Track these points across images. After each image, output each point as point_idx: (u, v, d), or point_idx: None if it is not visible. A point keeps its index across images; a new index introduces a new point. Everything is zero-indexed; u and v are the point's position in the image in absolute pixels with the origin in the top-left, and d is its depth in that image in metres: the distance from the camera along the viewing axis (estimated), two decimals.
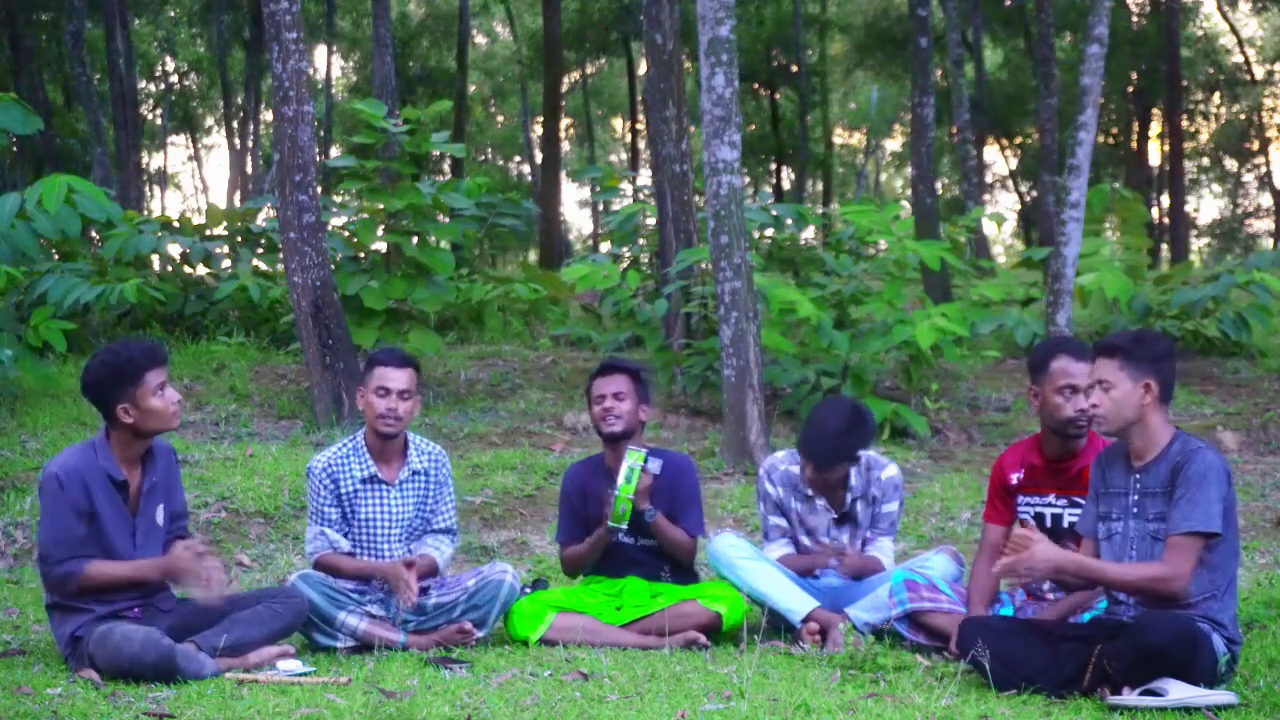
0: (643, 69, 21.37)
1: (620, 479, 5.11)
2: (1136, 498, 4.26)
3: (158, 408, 4.54)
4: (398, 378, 5.12)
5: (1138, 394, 4.18)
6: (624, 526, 5.18)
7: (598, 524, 5.28)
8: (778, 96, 30.94)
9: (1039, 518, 4.94)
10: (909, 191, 21.82)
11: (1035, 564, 4.08)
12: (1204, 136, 35.56)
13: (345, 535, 5.16)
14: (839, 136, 39.65)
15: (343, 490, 5.15)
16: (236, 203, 30.23)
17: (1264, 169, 35.26)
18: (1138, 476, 4.26)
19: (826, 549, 5.31)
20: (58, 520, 4.48)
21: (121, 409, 4.53)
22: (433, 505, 5.27)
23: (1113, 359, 4.21)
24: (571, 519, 5.45)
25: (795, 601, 5.14)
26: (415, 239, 10.64)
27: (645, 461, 5.13)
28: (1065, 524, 4.87)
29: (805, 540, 5.40)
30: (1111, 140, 30.98)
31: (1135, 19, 28.43)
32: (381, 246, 10.77)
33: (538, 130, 30.45)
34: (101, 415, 4.61)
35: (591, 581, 5.44)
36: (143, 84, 32.66)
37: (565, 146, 37.19)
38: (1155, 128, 30.57)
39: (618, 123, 41.97)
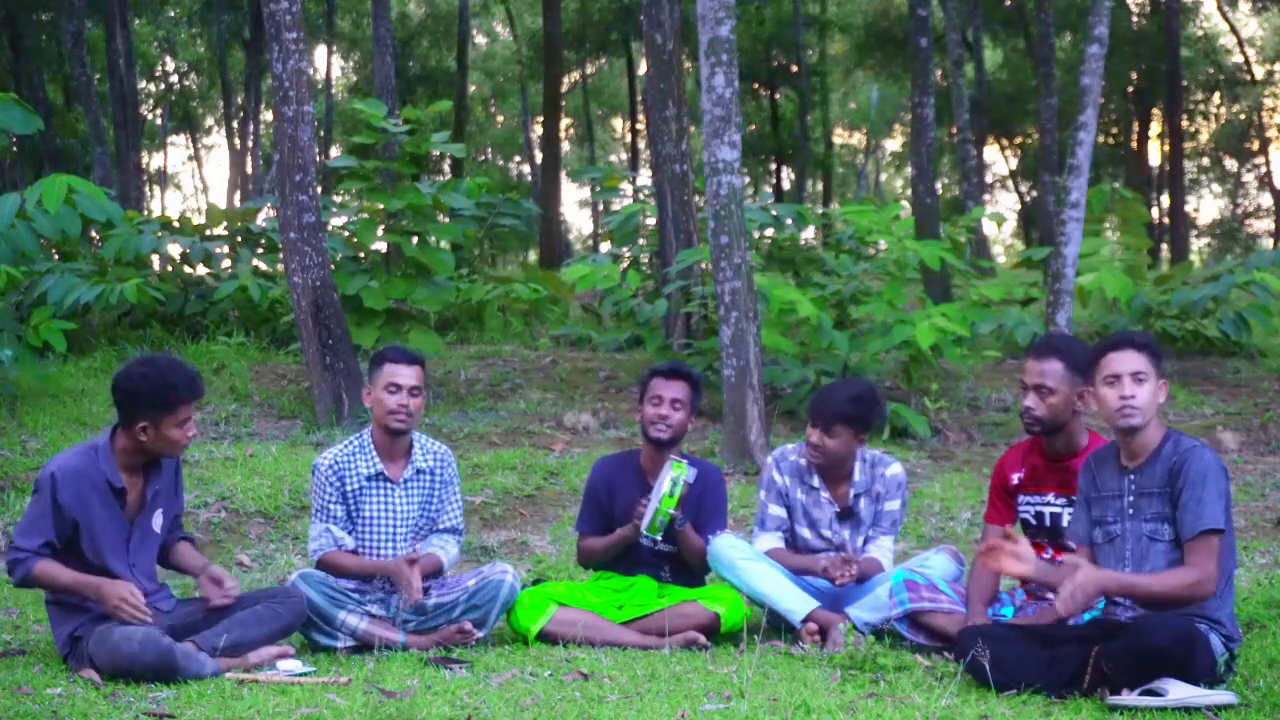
0: (643, 69, 21.34)
1: (662, 491, 5.10)
2: (1132, 499, 4.26)
3: (174, 438, 4.59)
4: (408, 374, 5.13)
5: (1159, 392, 4.29)
6: (658, 537, 5.22)
7: (620, 521, 5.31)
8: (778, 96, 30.93)
9: (1039, 517, 4.95)
10: (909, 191, 21.82)
11: (1085, 588, 4.08)
12: (1204, 136, 35.56)
13: (350, 534, 5.16)
14: (839, 136, 39.66)
15: (348, 487, 5.15)
16: (236, 203, 30.23)
17: (1264, 169, 35.27)
18: (1132, 477, 4.27)
19: (833, 564, 5.17)
20: (36, 516, 4.51)
21: (141, 426, 4.55)
22: (438, 505, 5.27)
23: (1142, 354, 4.29)
24: (594, 511, 5.47)
25: (795, 602, 5.14)
26: (415, 239, 10.65)
27: (686, 474, 5.13)
28: (1064, 523, 4.87)
29: (806, 533, 5.40)
30: (1111, 140, 30.98)
31: (1135, 19, 28.43)
32: (381, 246, 10.77)
33: (538, 130, 30.44)
34: (118, 416, 4.61)
35: (601, 578, 5.44)
36: (143, 84, 32.66)
37: (565, 146, 37.18)
38: (1155, 128, 30.58)
39: (618, 123, 41.97)
